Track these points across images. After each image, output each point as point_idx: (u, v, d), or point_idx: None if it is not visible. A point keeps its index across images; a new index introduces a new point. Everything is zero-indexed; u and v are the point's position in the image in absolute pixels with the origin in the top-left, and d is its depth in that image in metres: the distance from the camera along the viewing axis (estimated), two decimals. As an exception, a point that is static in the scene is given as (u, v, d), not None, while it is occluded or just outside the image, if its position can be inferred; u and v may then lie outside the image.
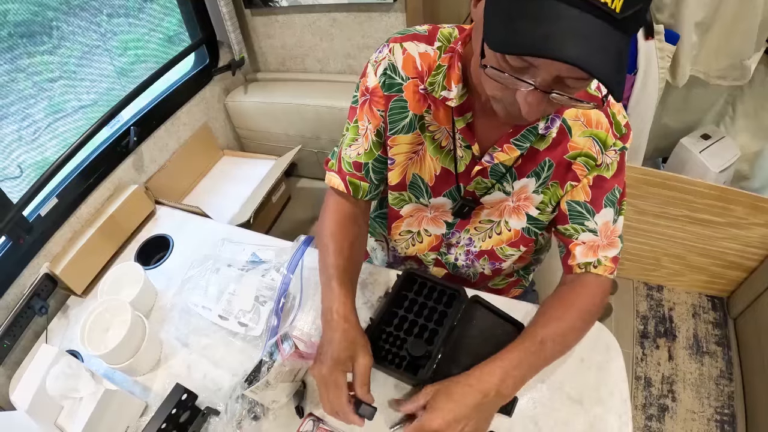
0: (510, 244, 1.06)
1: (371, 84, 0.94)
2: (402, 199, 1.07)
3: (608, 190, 0.91)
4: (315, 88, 2.14)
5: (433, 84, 0.88)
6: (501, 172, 0.93)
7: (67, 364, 0.97)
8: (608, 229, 0.94)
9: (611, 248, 0.94)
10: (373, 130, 0.98)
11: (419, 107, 0.92)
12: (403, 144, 0.96)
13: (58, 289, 1.35)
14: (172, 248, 1.43)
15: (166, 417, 0.91)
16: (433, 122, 0.92)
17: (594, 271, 0.94)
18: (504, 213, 1.01)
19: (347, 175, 1.03)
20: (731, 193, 1.74)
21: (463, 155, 0.93)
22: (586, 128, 0.87)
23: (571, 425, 0.90)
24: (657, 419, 1.82)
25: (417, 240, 1.15)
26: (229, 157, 2.24)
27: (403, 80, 0.91)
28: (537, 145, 0.88)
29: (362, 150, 1.00)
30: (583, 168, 0.90)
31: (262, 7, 2.01)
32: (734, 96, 1.97)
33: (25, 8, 1.39)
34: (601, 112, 0.86)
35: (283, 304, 1.11)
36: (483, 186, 0.96)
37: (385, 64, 0.91)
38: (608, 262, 0.94)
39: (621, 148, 0.88)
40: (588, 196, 0.92)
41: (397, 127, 0.94)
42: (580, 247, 0.94)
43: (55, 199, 1.41)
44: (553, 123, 0.85)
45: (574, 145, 0.88)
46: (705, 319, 2.10)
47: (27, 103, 1.45)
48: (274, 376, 0.87)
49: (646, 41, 1.58)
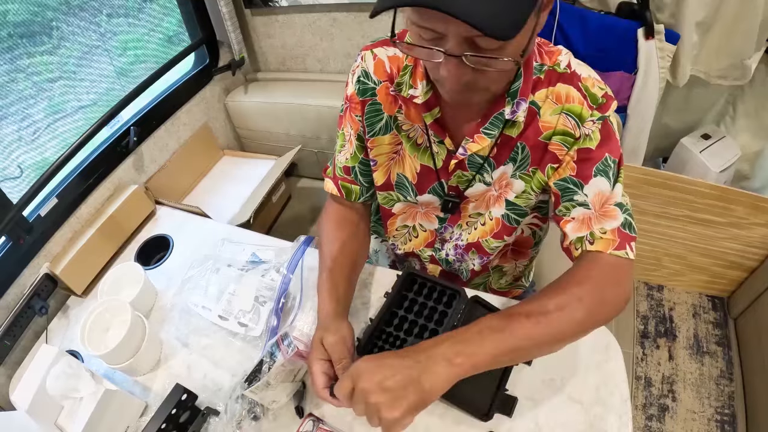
0: (493, 235, 1.05)
1: (349, 92, 1.00)
2: (391, 198, 1.09)
3: (597, 161, 0.84)
4: (315, 88, 2.14)
5: (401, 84, 0.92)
6: (478, 163, 0.93)
7: (67, 364, 0.97)
8: (603, 199, 0.84)
9: (608, 219, 0.84)
10: (354, 135, 1.03)
11: (392, 108, 0.96)
12: (383, 145, 1.00)
13: (58, 289, 1.35)
14: (172, 248, 1.43)
15: (166, 417, 0.91)
16: (405, 121, 0.95)
17: (591, 248, 0.83)
18: (489, 204, 1.00)
19: (340, 180, 1.10)
20: (732, 193, 1.74)
21: (439, 150, 0.95)
22: (556, 105, 0.84)
23: (571, 425, 0.90)
24: (657, 419, 1.82)
25: (413, 235, 1.16)
26: (229, 157, 2.24)
27: (376, 84, 0.96)
28: (509, 131, 0.88)
29: (349, 155, 1.07)
30: (561, 147, 0.86)
31: (262, 6, 2.01)
32: (735, 96, 1.97)
33: (24, 8, 1.39)
34: (572, 86, 0.83)
35: (283, 304, 1.11)
36: (464, 179, 0.97)
37: (359, 72, 0.97)
38: (608, 234, 0.82)
39: (599, 117, 0.83)
40: (573, 171, 0.86)
41: (375, 129, 0.99)
42: (571, 223, 0.86)
43: (55, 199, 1.41)
44: (518, 106, 0.83)
45: (545, 125, 0.86)
46: (705, 319, 2.10)
47: (27, 103, 1.45)
48: (274, 376, 0.87)
49: (647, 41, 1.58)
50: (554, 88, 0.84)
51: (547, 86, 0.85)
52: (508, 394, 0.93)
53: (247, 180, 2.05)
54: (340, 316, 0.93)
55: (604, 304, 0.80)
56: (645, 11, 1.56)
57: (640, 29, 1.57)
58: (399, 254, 1.25)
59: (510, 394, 0.93)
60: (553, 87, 0.84)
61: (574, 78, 0.84)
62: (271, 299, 1.12)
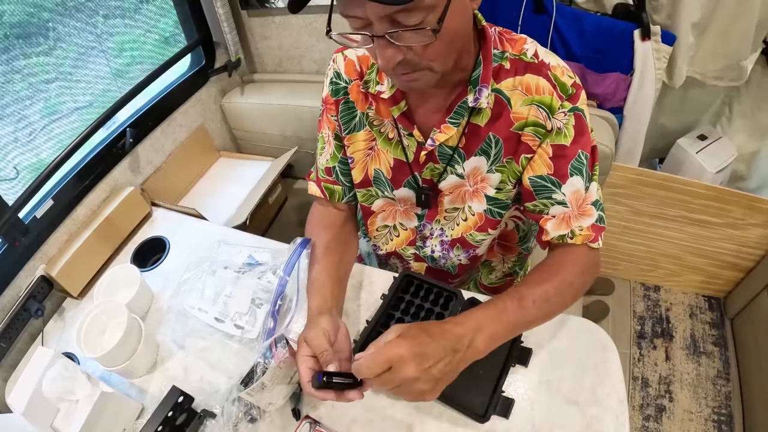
0: (477, 229, 1.06)
1: (324, 94, 1.05)
2: (370, 194, 1.11)
3: (571, 158, 0.88)
4: (312, 90, 2.13)
5: (369, 81, 0.96)
6: (448, 154, 0.95)
7: (63, 366, 0.97)
8: (579, 198, 0.91)
9: (585, 217, 0.92)
10: (332, 135, 1.08)
11: (363, 105, 1.00)
12: (358, 142, 1.03)
13: (54, 292, 1.35)
14: (168, 250, 1.43)
15: (162, 420, 0.91)
16: (376, 117, 0.98)
17: (571, 242, 0.92)
18: (465, 198, 1.02)
19: (322, 182, 1.14)
20: (728, 193, 1.75)
21: (409, 143, 0.97)
22: (526, 96, 0.86)
23: (568, 426, 0.90)
24: (654, 419, 1.82)
25: (394, 234, 1.18)
26: (225, 158, 2.24)
27: (347, 83, 1.00)
28: (476, 120, 0.90)
29: (329, 156, 1.11)
30: (533, 137, 0.88)
31: (259, 8, 2.00)
32: (731, 97, 1.97)
33: (20, 9, 1.39)
34: (541, 77, 0.85)
35: (279, 306, 1.11)
36: (436, 171, 0.99)
37: (332, 74, 1.02)
38: (585, 231, 0.92)
39: (571, 108, 0.85)
40: (551, 169, 0.89)
41: (350, 127, 1.03)
42: (551, 221, 0.93)
43: (51, 200, 1.41)
44: (480, 93, 0.85)
45: (517, 116, 0.88)
46: (702, 319, 2.11)
47: (23, 104, 1.44)
48: (270, 378, 0.87)
49: (643, 42, 1.58)
50: (522, 77, 0.86)
51: (514, 75, 0.87)
52: (505, 395, 0.93)
53: (243, 181, 2.04)
54: (323, 314, 0.93)
55: (585, 285, 0.94)
56: (641, 12, 1.56)
57: (637, 30, 1.58)
58: (381, 255, 1.26)
59: (507, 396, 0.93)
60: (521, 77, 0.86)
61: (542, 67, 0.86)
62: (268, 301, 1.12)
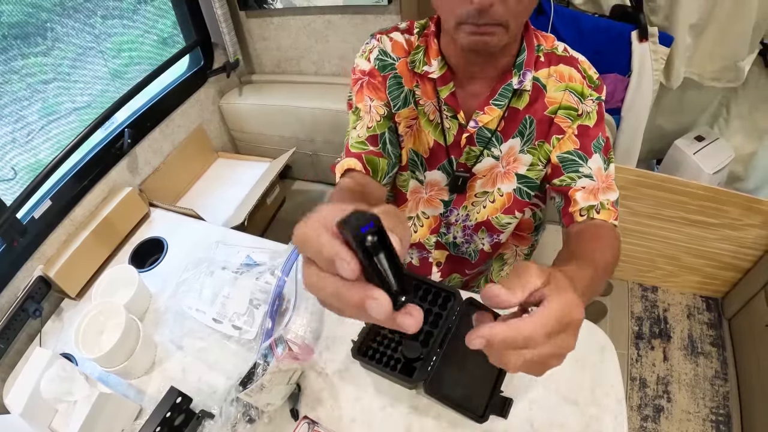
0: (504, 211, 1.08)
1: (366, 67, 0.99)
2: (404, 179, 1.10)
3: (594, 138, 0.94)
4: (310, 90, 2.14)
5: (415, 61, 0.96)
6: (487, 137, 0.97)
7: (61, 367, 0.97)
8: (602, 174, 0.94)
9: (611, 191, 0.93)
10: (381, 102, 0.98)
11: (411, 82, 0.98)
12: (404, 119, 1.01)
13: (52, 292, 1.35)
14: (166, 251, 1.43)
15: (160, 420, 0.91)
16: (422, 96, 0.98)
17: (597, 216, 0.91)
18: (497, 181, 1.04)
19: (364, 154, 0.94)
20: (725, 194, 1.75)
21: (450, 126, 0.98)
22: (560, 83, 0.93)
23: (567, 426, 0.91)
24: (652, 420, 1.82)
25: (418, 225, 1.18)
26: (223, 159, 2.24)
27: (395, 60, 0.98)
28: (516, 104, 0.94)
29: (373, 122, 0.97)
30: (566, 120, 0.94)
31: (257, 9, 2.01)
32: (728, 98, 1.98)
33: (19, 10, 1.39)
34: (573, 68, 0.93)
35: (277, 306, 1.11)
36: (473, 155, 1.00)
37: (377, 51, 0.99)
38: (610, 206, 0.92)
39: (597, 98, 0.93)
40: (576, 145, 0.94)
41: (398, 103, 1.00)
42: (580, 192, 0.93)
43: (49, 201, 1.41)
44: (525, 77, 0.91)
45: (551, 100, 0.94)
46: (700, 319, 2.11)
47: (21, 105, 1.44)
48: (269, 379, 0.87)
49: (641, 43, 1.59)
50: (557, 67, 0.93)
51: (548, 66, 0.93)
52: (504, 395, 0.93)
53: (241, 182, 2.04)
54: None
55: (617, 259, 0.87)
56: (639, 14, 1.56)
57: (634, 32, 1.58)
58: None
59: (505, 396, 0.93)
60: (555, 66, 0.93)
61: (573, 61, 0.94)
62: (266, 302, 1.12)
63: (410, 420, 0.94)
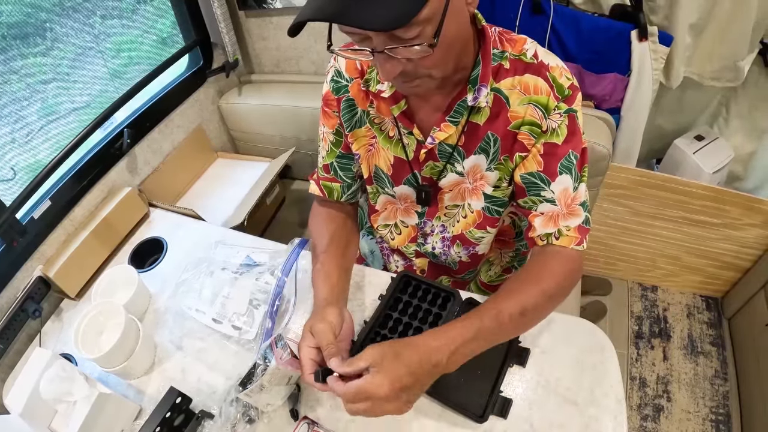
0: (476, 226, 1.07)
1: (324, 91, 1.05)
2: (374, 191, 1.13)
3: (561, 157, 0.90)
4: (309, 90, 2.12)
5: (369, 80, 0.96)
6: (448, 152, 0.96)
7: (60, 367, 0.96)
8: (567, 197, 0.91)
9: (572, 217, 0.92)
10: (330, 131, 1.08)
11: (364, 103, 1.00)
12: (361, 138, 1.04)
13: (52, 292, 1.35)
14: (165, 251, 1.43)
15: (160, 420, 0.90)
16: (377, 115, 0.99)
17: (557, 243, 0.92)
18: (465, 196, 1.03)
19: (321, 180, 1.15)
20: (725, 194, 1.75)
21: (409, 142, 0.98)
22: (524, 95, 0.88)
23: (567, 426, 0.90)
24: (652, 419, 1.82)
25: (396, 232, 1.19)
26: (223, 159, 2.24)
27: (348, 81, 1.00)
28: (475, 119, 0.91)
29: (325, 152, 1.12)
30: (529, 137, 0.90)
31: (256, 8, 2.00)
32: (728, 97, 1.98)
33: (18, 10, 1.39)
34: (539, 77, 0.87)
35: (277, 307, 1.11)
36: (436, 169, 1.00)
37: (332, 72, 1.02)
38: (572, 232, 0.91)
39: (566, 110, 0.87)
40: (540, 166, 0.91)
41: (351, 123, 1.04)
42: (539, 218, 0.93)
43: (48, 201, 1.40)
44: (479, 92, 0.87)
45: (514, 115, 0.89)
46: (699, 319, 2.11)
47: (20, 105, 1.44)
48: (269, 379, 0.87)
49: (640, 43, 1.59)
50: (521, 77, 0.88)
51: (513, 75, 0.88)
52: (503, 395, 0.93)
53: (241, 182, 2.04)
54: (331, 304, 0.93)
55: (565, 293, 0.92)
56: (638, 13, 1.56)
57: (634, 31, 1.58)
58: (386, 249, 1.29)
59: (505, 396, 0.93)
60: (521, 77, 0.87)
61: (542, 68, 0.87)
62: (266, 302, 1.12)
63: (410, 420, 0.94)
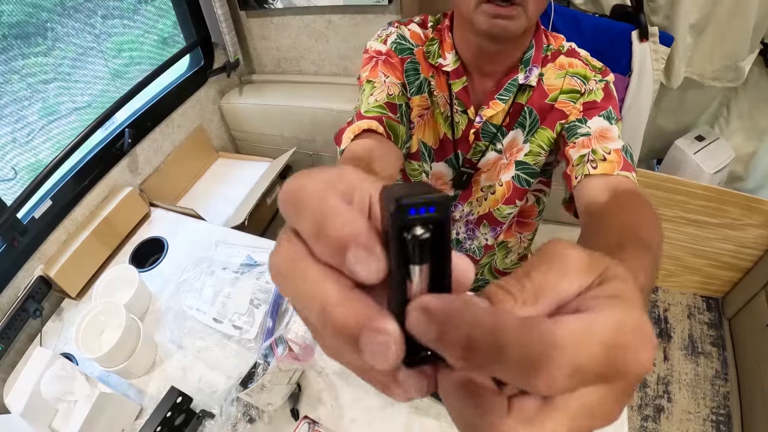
0: (505, 201, 1.07)
1: (383, 48, 0.97)
2: (415, 169, 1.09)
3: (602, 110, 0.88)
4: (310, 90, 2.13)
5: (430, 52, 0.96)
6: (492, 132, 0.97)
7: (61, 367, 0.97)
8: (603, 129, 0.85)
9: (608, 141, 0.83)
10: (395, 82, 0.93)
11: (427, 71, 0.97)
12: (416, 107, 1.00)
13: (53, 292, 1.35)
14: (166, 251, 1.43)
15: (161, 420, 0.91)
16: (435, 87, 0.97)
17: (595, 171, 0.79)
18: (500, 172, 1.03)
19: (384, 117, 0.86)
20: (726, 194, 1.75)
21: (460, 120, 0.98)
22: (560, 70, 0.92)
23: (567, 427, 0.90)
24: (653, 420, 1.82)
25: None
26: (223, 159, 2.24)
27: (413, 46, 0.98)
28: (520, 98, 0.93)
29: (396, 92, 0.91)
30: (568, 103, 0.92)
31: (257, 8, 2.00)
32: (728, 97, 1.98)
33: (19, 9, 1.39)
34: (573, 58, 0.93)
35: (278, 306, 1.11)
36: (478, 150, 1.00)
37: (394, 36, 0.97)
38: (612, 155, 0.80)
39: (602, 80, 0.91)
40: (580, 115, 0.91)
41: (413, 89, 0.98)
42: (573, 148, 0.86)
43: (49, 201, 1.41)
44: (531, 72, 0.90)
45: (550, 87, 0.93)
46: (700, 319, 2.11)
47: (21, 104, 1.44)
48: (269, 378, 0.87)
49: (641, 43, 1.59)
50: (557, 60, 0.93)
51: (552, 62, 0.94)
52: (504, 395, 0.93)
53: (241, 182, 2.04)
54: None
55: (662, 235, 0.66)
56: (639, 13, 1.56)
57: (635, 31, 1.58)
58: None
59: (505, 396, 0.93)
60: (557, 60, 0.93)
61: (575, 53, 0.94)
62: (266, 302, 1.12)
63: (410, 420, 0.94)
